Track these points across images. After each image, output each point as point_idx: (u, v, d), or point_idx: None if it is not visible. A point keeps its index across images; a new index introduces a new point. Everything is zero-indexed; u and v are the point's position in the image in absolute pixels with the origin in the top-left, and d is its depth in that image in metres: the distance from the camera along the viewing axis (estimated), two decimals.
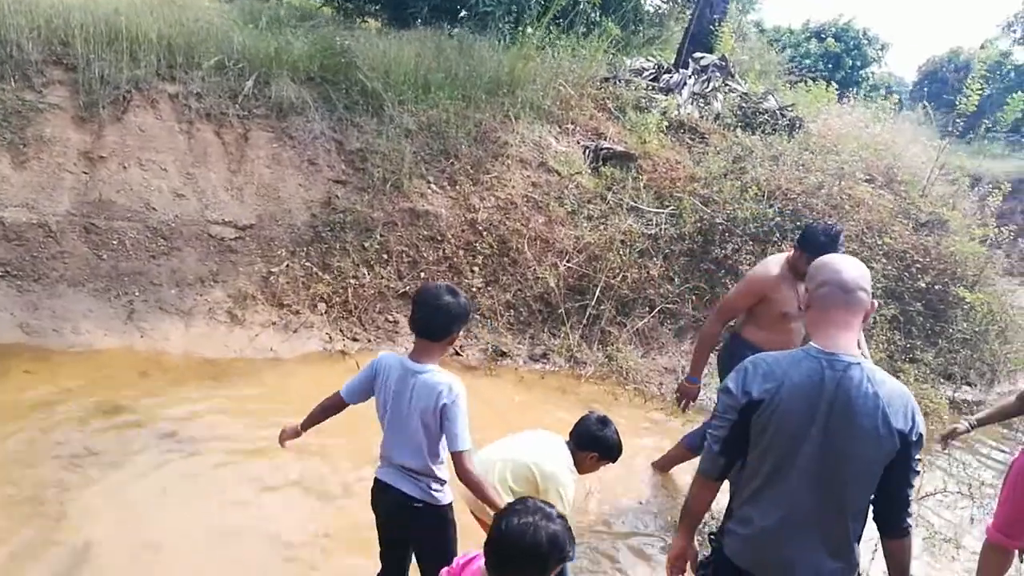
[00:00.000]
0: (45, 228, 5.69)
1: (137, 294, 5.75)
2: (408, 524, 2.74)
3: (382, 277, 6.39)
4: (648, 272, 6.86)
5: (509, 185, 7.27)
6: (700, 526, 2.62)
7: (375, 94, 7.26)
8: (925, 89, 27.24)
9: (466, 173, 7.21)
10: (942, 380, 6.96)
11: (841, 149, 8.40)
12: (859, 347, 3.62)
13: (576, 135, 8.21)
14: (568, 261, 6.82)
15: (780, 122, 8.98)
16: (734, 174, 7.88)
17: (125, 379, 4.94)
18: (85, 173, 6.00)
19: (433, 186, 7.10)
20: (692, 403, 4.30)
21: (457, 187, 7.12)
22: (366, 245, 6.45)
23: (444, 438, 2.60)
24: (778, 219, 7.28)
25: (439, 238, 6.73)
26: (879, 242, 7.34)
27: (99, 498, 3.71)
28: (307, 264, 6.28)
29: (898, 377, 4.72)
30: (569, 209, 7.23)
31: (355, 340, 6.05)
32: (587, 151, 8.05)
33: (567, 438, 3.14)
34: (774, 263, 3.99)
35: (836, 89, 11.09)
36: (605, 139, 8.21)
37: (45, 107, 6.03)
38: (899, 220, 7.86)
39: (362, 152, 6.97)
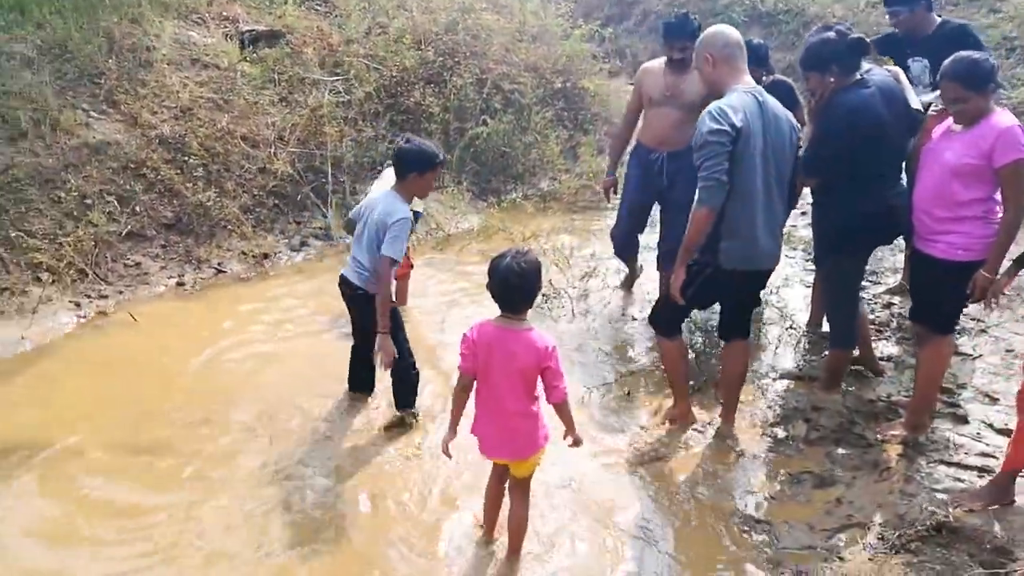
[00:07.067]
0: None
1: None
2: (355, 304, 3.86)
3: (95, 224, 5.60)
4: (363, 134, 7.12)
5: (175, 91, 6.66)
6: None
7: None
8: None
9: (124, 90, 6.39)
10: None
11: None
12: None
13: (211, 26, 7.64)
14: (280, 151, 6.70)
15: None
16: (379, 29, 8.24)
17: None
18: None
19: (93, 113, 6.20)
20: (614, 193, 5.18)
21: (120, 108, 6.31)
22: (61, 196, 5.53)
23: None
24: (440, 60, 7.99)
25: (134, 164, 6.03)
26: (518, 59, 8.56)
27: None
28: None
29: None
30: (251, 100, 6.95)
31: (104, 298, 5.37)
32: (230, 39, 7.60)
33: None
34: (653, 61, 4.61)
35: None
36: (240, 23, 7.81)
37: None
38: (518, 38, 9.13)
39: None
